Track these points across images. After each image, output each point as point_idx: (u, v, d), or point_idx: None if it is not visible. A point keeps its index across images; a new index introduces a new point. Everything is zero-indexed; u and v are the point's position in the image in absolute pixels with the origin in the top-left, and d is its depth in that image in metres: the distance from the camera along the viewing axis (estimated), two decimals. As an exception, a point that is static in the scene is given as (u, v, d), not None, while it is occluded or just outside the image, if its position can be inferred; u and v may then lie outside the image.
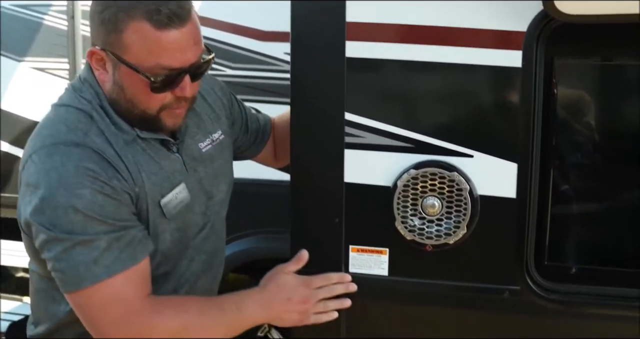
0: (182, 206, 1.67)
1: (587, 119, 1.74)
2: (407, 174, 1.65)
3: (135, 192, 1.58)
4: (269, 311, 1.66)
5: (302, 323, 1.70)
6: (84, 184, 1.49)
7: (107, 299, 1.53)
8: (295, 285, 1.68)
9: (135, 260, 1.55)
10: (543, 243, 1.70)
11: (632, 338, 1.67)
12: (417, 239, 1.68)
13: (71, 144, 1.53)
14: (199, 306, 1.62)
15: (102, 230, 1.51)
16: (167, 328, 1.58)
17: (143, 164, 1.61)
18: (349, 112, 1.68)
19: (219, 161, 1.80)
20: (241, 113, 1.97)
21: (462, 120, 1.67)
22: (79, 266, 1.50)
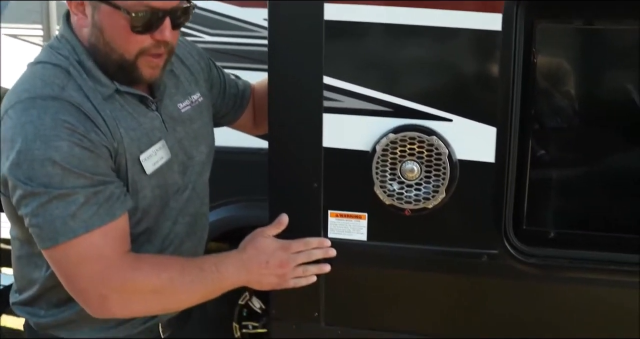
0: (162, 162, 1.66)
1: (567, 83, 1.73)
2: (385, 138, 1.64)
3: (114, 147, 1.56)
4: (247, 273, 1.66)
5: (280, 286, 1.70)
6: (61, 136, 1.47)
7: (84, 255, 1.52)
8: (273, 249, 1.68)
9: (114, 216, 1.53)
10: (521, 208, 1.70)
11: (609, 301, 1.68)
12: (396, 204, 1.67)
13: (48, 97, 1.51)
14: (179, 265, 1.61)
15: (79, 184, 1.49)
16: (146, 284, 1.57)
17: (121, 119, 1.59)
18: (327, 76, 1.66)
19: (198, 123, 1.79)
20: (219, 77, 1.96)
21: (442, 84, 1.66)
22: (56, 221, 1.48)
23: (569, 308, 1.71)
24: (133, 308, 1.60)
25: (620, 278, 1.66)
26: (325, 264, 1.72)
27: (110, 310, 1.57)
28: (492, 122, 1.62)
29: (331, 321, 1.82)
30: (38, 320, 1.71)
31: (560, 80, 1.72)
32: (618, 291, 1.67)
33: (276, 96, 1.71)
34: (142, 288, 1.57)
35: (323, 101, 1.67)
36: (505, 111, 1.62)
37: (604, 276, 1.67)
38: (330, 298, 1.80)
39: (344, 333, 1.83)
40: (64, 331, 1.70)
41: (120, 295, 1.55)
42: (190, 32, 2.98)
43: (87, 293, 1.56)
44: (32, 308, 1.72)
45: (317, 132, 1.69)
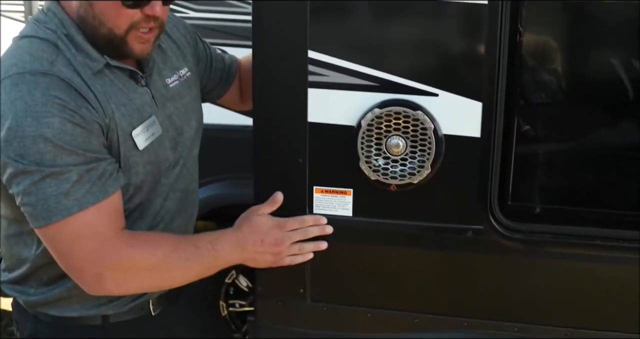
0: (153, 138, 1.65)
1: (554, 59, 1.72)
2: (371, 113, 1.62)
3: (106, 122, 1.54)
4: (242, 251, 1.65)
5: (276, 264, 1.69)
6: (52, 112, 1.45)
7: (79, 233, 1.51)
8: (268, 227, 1.66)
9: (107, 193, 1.52)
10: (507, 183, 1.69)
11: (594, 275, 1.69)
12: (381, 179, 1.66)
13: (37, 73, 1.48)
14: (174, 242, 1.61)
15: (72, 161, 1.47)
16: (141, 262, 1.56)
17: (112, 95, 1.57)
18: (313, 51, 1.64)
19: (187, 98, 1.78)
20: (205, 52, 1.94)
21: (428, 58, 1.64)
22: (49, 199, 1.47)
23: (554, 283, 1.71)
24: (128, 285, 1.59)
25: (605, 253, 1.67)
26: (322, 241, 1.71)
27: (106, 287, 1.57)
28: (478, 97, 1.61)
29: (317, 298, 1.82)
30: (27, 298, 1.70)
31: (546, 55, 1.71)
32: (603, 266, 1.67)
33: (261, 71, 1.69)
34: (137, 265, 1.56)
35: (308, 76, 1.65)
36: (491, 86, 1.61)
37: (589, 251, 1.68)
38: (316, 275, 1.80)
39: (330, 309, 1.83)
40: (54, 308, 1.69)
41: (116, 272, 1.55)
42: (176, 7, 2.95)
43: (82, 271, 1.55)
44: (21, 287, 1.71)
45: (302, 107, 1.67)
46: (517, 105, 1.67)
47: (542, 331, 1.74)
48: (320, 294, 1.82)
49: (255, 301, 1.90)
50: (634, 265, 1.64)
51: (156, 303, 1.79)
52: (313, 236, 1.70)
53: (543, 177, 1.81)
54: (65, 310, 1.69)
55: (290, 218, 1.69)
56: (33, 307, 1.71)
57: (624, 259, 1.65)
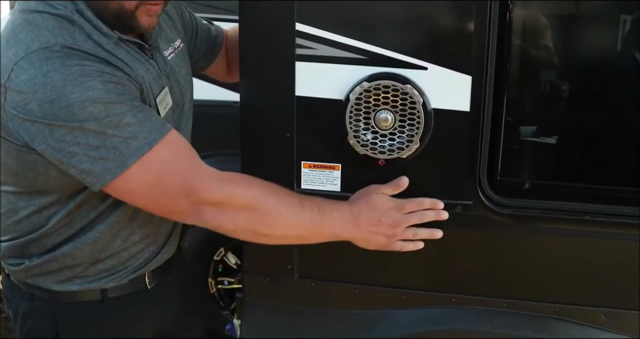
0: (168, 108, 1.65)
1: (544, 32, 1.70)
2: (359, 86, 1.60)
3: (140, 83, 1.54)
4: (354, 228, 1.60)
5: (387, 248, 1.64)
6: (92, 77, 1.43)
7: (160, 171, 1.49)
8: (388, 207, 1.61)
9: (166, 127, 1.51)
10: (496, 158, 1.68)
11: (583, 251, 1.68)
12: (369, 154, 1.64)
13: (63, 47, 1.46)
14: (276, 188, 1.58)
15: (123, 110, 1.45)
16: (235, 197, 1.54)
17: (135, 62, 1.57)
18: (300, 23, 1.61)
19: (183, 70, 1.78)
20: (191, 22, 1.93)
21: (417, 31, 1.62)
22: (118, 146, 1.45)
23: (543, 259, 1.70)
24: (225, 219, 1.55)
25: (594, 228, 1.66)
26: (437, 229, 1.65)
27: (204, 218, 1.54)
28: (468, 71, 1.58)
29: (305, 274, 1.82)
30: (30, 263, 1.67)
31: (536, 29, 1.69)
32: (592, 242, 1.67)
33: (247, 44, 1.67)
34: (230, 198, 1.54)
35: (295, 49, 1.63)
36: (480, 59, 1.59)
37: (578, 226, 1.67)
38: (304, 251, 1.79)
39: (318, 285, 1.82)
40: (55, 283, 1.68)
41: (211, 204, 1.53)
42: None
43: (180, 208, 1.53)
44: (20, 256, 1.69)
45: (289, 81, 1.65)
46: (507, 79, 1.65)
47: (531, 307, 1.74)
48: (308, 270, 1.81)
49: (242, 278, 1.89)
50: (624, 240, 1.64)
51: (152, 276, 1.78)
52: (429, 220, 1.64)
53: (532, 153, 1.79)
54: (65, 284, 1.68)
55: (409, 200, 1.63)
56: (32, 277, 1.69)
57: (613, 234, 1.65)
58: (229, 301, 3.30)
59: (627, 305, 1.69)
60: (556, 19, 1.71)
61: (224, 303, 3.31)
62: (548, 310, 1.73)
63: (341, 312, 1.82)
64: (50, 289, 1.69)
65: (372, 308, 1.80)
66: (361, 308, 1.81)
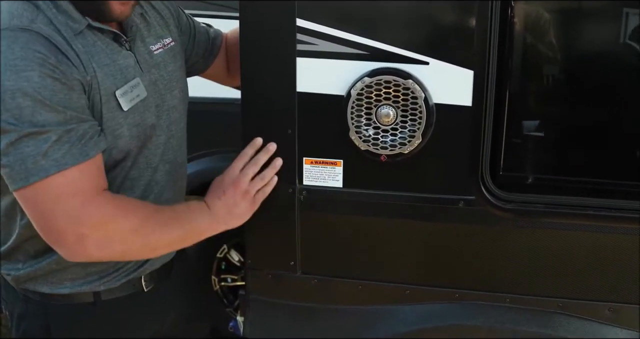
0: (138, 100, 1.62)
1: (546, 27, 1.69)
2: (361, 82, 1.60)
3: (87, 80, 1.51)
4: (214, 214, 1.66)
5: (255, 206, 1.70)
6: (32, 66, 1.42)
7: (59, 193, 1.47)
8: (221, 178, 1.69)
9: (87, 156, 1.49)
10: (498, 153, 1.68)
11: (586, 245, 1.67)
12: (371, 150, 1.64)
13: (16, 28, 1.45)
14: (153, 206, 1.62)
15: (51, 119, 1.43)
16: (124, 222, 1.54)
17: (94, 54, 1.55)
18: (301, 19, 1.61)
19: (171, 66, 1.76)
20: (189, 24, 1.92)
21: (418, 26, 1.61)
22: (27, 160, 1.43)
23: (546, 254, 1.70)
24: (112, 248, 1.55)
25: (597, 223, 1.65)
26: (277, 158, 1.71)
27: (88, 250, 1.53)
28: (469, 65, 1.58)
29: (307, 270, 1.82)
30: (17, 273, 1.68)
31: (538, 24, 1.69)
32: (594, 236, 1.66)
33: (248, 40, 1.66)
34: (120, 225, 1.54)
35: (297, 45, 1.63)
36: (482, 54, 1.58)
37: (581, 221, 1.66)
38: (306, 247, 1.79)
39: (321, 281, 1.82)
40: (45, 284, 1.67)
41: (99, 233, 1.51)
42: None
43: (64, 233, 1.51)
44: (9, 262, 1.69)
45: (290, 77, 1.65)
46: (509, 73, 1.64)
47: (534, 302, 1.73)
48: (311, 267, 1.81)
49: (245, 275, 1.89)
50: (627, 234, 1.64)
51: (148, 279, 1.77)
52: (263, 162, 1.70)
53: (535, 147, 1.78)
54: (55, 287, 1.67)
55: (233, 161, 1.70)
56: (23, 283, 1.69)
57: (616, 229, 1.64)
58: (232, 299, 3.30)
59: (630, 299, 1.68)
60: (558, 13, 1.70)
61: (228, 300, 3.30)
62: (551, 305, 1.73)
63: (344, 308, 1.82)
64: (42, 292, 1.68)
65: (375, 303, 1.80)
66: (364, 304, 1.80)
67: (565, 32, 1.72)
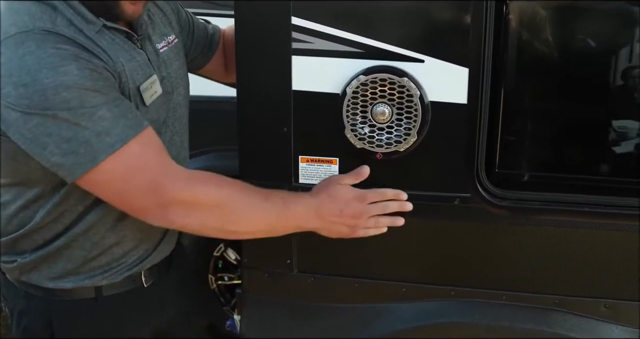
0: (156, 96, 1.64)
1: (542, 24, 1.70)
2: (356, 80, 1.60)
3: (118, 72, 1.53)
4: (317, 218, 1.62)
5: (350, 236, 1.66)
6: (68, 61, 1.42)
7: (129, 167, 1.48)
8: (349, 198, 1.63)
9: (142, 125, 1.50)
10: (494, 150, 1.68)
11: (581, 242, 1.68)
12: (367, 148, 1.64)
13: (42, 31, 1.45)
14: (242, 185, 1.59)
15: (100, 101, 1.44)
16: (204, 195, 1.54)
17: (117, 51, 1.56)
18: (296, 17, 1.61)
19: (176, 64, 1.77)
20: (188, 21, 1.93)
21: (413, 24, 1.61)
22: (91, 140, 1.44)
23: (542, 251, 1.70)
24: (191, 218, 1.55)
25: (593, 220, 1.66)
26: (399, 217, 1.67)
27: (170, 218, 1.53)
28: (465, 63, 1.58)
29: (303, 269, 1.82)
30: (23, 261, 1.66)
31: (534, 21, 1.69)
32: (590, 233, 1.66)
33: (243, 39, 1.66)
34: (199, 198, 1.53)
35: (292, 43, 1.62)
36: (477, 51, 1.58)
37: (576, 218, 1.67)
38: (303, 245, 1.79)
39: (317, 279, 1.82)
40: (48, 280, 1.68)
41: (178, 204, 1.52)
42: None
43: (145, 207, 1.52)
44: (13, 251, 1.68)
45: (286, 75, 1.64)
46: (505, 70, 1.65)
47: (530, 299, 1.74)
48: (307, 265, 1.81)
49: (242, 273, 1.89)
50: (622, 231, 1.64)
51: (148, 275, 1.77)
52: (392, 211, 1.66)
53: (530, 145, 1.79)
54: (58, 281, 1.67)
55: (371, 190, 1.65)
56: (26, 273, 1.68)
57: (612, 226, 1.64)
58: (229, 297, 3.30)
59: (626, 296, 1.69)
60: (552, 10, 1.70)
61: (225, 298, 3.30)
62: (548, 302, 1.73)
63: (341, 306, 1.82)
64: (44, 287, 1.68)
65: (372, 301, 1.80)
66: (361, 302, 1.80)
67: (560, 29, 1.72)
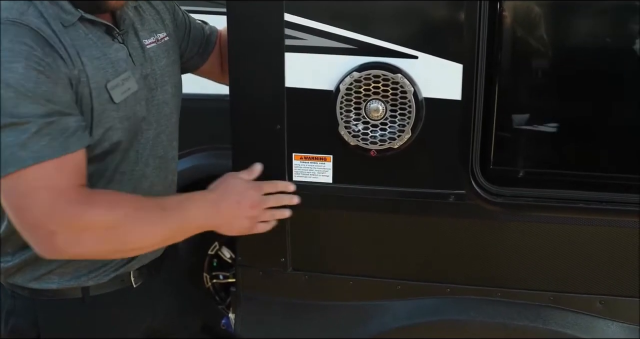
0: (129, 93, 1.61)
1: (536, 20, 1.69)
2: (349, 77, 1.59)
3: (75, 74, 1.50)
4: (217, 214, 1.61)
5: (251, 231, 1.66)
6: (18, 58, 1.41)
7: (34, 185, 1.45)
8: (245, 188, 1.64)
9: (67, 149, 1.46)
10: (489, 146, 1.67)
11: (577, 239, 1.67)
12: (361, 145, 1.63)
13: (6, 21, 1.44)
14: (138, 202, 1.55)
15: (33, 111, 1.42)
16: (98, 220, 1.49)
17: (85, 48, 1.54)
18: (289, 13, 1.60)
19: (164, 61, 1.75)
20: (184, 20, 1.92)
21: (407, 19, 1.60)
22: (5, 150, 1.41)
23: (537, 247, 1.69)
24: (83, 246, 1.51)
25: (588, 216, 1.65)
26: (285, 209, 1.69)
27: (58, 247, 1.49)
28: (459, 59, 1.57)
29: (298, 267, 1.81)
30: (7, 265, 1.65)
31: (528, 17, 1.68)
32: (585, 229, 1.66)
33: (236, 35, 1.65)
34: (93, 224, 1.49)
35: (285, 40, 1.61)
36: (471, 47, 1.57)
37: (571, 214, 1.66)
38: (297, 243, 1.78)
39: (312, 277, 1.81)
40: (34, 281, 1.66)
41: (69, 231, 1.48)
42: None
43: (35, 228, 1.48)
44: None
45: (279, 72, 1.64)
46: (499, 66, 1.64)
47: (525, 296, 1.73)
48: (302, 263, 1.80)
49: (236, 272, 1.88)
50: (617, 227, 1.64)
51: (137, 275, 1.76)
52: (284, 203, 1.68)
53: (525, 141, 1.78)
54: (44, 282, 1.66)
55: (264, 182, 1.67)
56: (12, 276, 1.67)
57: (607, 222, 1.64)
58: (224, 296, 3.29)
59: (621, 292, 1.68)
60: (547, 6, 1.70)
61: (220, 297, 3.30)
62: (543, 298, 1.72)
63: (335, 304, 1.81)
64: (29, 288, 1.67)
65: (366, 299, 1.79)
66: (355, 300, 1.80)
67: (554, 25, 1.72)
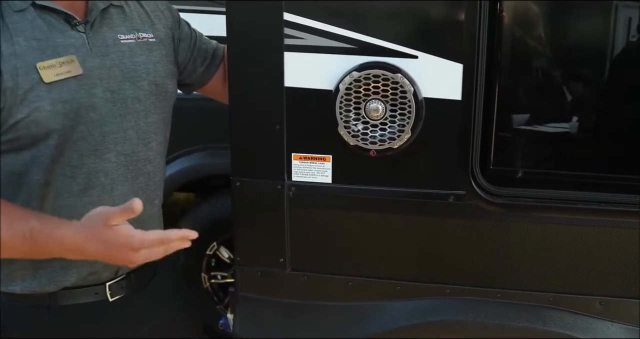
0: (67, 75, 1.58)
1: (535, 20, 1.69)
2: (349, 76, 1.58)
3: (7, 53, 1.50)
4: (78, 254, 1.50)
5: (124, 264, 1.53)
6: None
7: None
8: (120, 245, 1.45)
9: None
10: (488, 147, 1.67)
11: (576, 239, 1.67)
12: (360, 145, 1.63)
13: None
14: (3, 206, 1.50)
15: None
16: None
17: (26, 29, 1.54)
18: (288, 12, 1.59)
19: (141, 58, 1.70)
20: (190, 34, 1.86)
21: (407, 19, 1.60)
22: None
23: (537, 248, 1.69)
24: None
25: (587, 217, 1.65)
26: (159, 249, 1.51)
27: None
28: (459, 59, 1.57)
29: (297, 267, 1.80)
30: None
31: (527, 17, 1.68)
32: (585, 230, 1.65)
33: (235, 35, 1.65)
34: None
35: (284, 39, 1.61)
36: (471, 47, 1.57)
37: (571, 215, 1.66)
38: (296, 243, 1.77)
39: (310, 278, 1.80)
40: None
41: None
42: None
43: None
44: None
45: (278, 72, 1.63)
46: (499, 66, 1.63)
47: (525, 297, 1.73)
48: (300, 263, 1.79)
49: (235, 272, 1.87)
50: (617, 228, 1.63)
51: (115, 288, 1.68)
52: (175, 250, 1.49)
53: (525, 141, 1.78)
54: (7, 284, 1.61)
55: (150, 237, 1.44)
56: None
57: (607, 222, 1.64)
58: (223, 296, 3.29)
59: (621, 293, 1.68)
60: (546, 6, 1.69)
61: (218, 297, 3.29)
62: (542, 299, 1.72)
63: (334, 304, 1.80)
64: None
65: (365, 300, 1.79)
66: (354, 301, 1.79)
67: (554, 25, 1.72)
